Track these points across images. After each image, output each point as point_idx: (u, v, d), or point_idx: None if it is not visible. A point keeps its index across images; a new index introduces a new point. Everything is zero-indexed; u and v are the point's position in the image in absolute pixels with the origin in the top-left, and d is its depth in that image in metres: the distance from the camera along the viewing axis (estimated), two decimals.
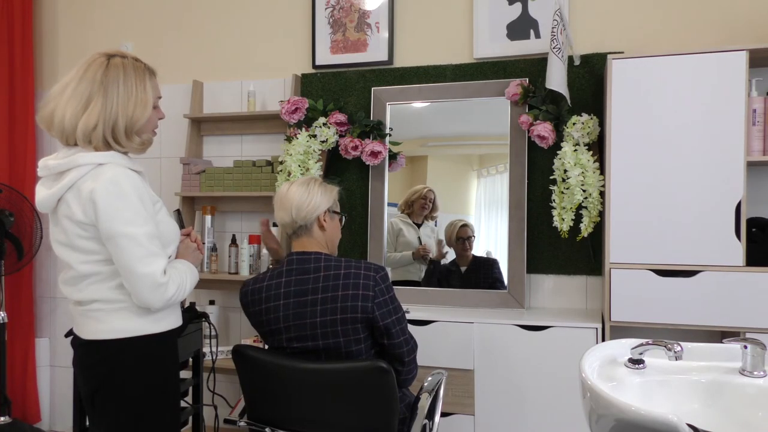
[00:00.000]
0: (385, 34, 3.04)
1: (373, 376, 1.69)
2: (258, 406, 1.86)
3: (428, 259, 2.90)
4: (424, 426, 1.90)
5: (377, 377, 1.69)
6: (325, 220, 1.85)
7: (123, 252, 1.53)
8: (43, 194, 1.61)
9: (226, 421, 1.97)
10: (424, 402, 1.89)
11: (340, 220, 1.95)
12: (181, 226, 1.84)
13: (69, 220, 1.58)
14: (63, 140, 1.62)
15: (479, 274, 2.82)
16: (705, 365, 1.41)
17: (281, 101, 3.03)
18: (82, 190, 1.55)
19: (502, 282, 2.77)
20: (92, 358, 1.62)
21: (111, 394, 1.60)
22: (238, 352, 1.84)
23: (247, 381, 1.86)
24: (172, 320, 1.70)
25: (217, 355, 2.65)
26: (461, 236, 2.88)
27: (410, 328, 1.95)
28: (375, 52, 3.05)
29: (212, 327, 2.70)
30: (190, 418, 2.54)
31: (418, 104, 2.97)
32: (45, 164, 1.62)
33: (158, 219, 1.64)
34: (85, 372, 1.64)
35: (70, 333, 1.73)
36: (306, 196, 1.81)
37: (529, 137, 2.73)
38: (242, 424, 1.91)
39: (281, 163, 2.96)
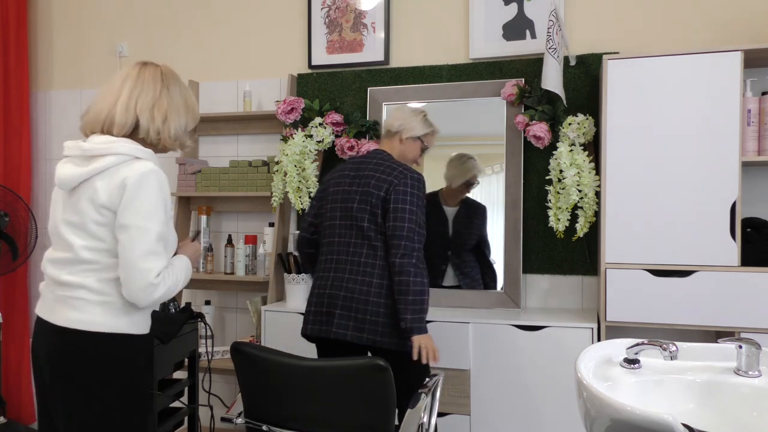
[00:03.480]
0: (381, 35, 3.04)
1: (371, 373, 1.69)
2: (256, 404, 1.86)
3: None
4: (420, 426, 1.90)
5: (375, 375, 1.69)
6: (402, 140, 2.29)
7: (131, 242, 1.56)
8: (71, 171, 1.62)
9: (222, 419, 1.97)
10: (422, 402, 1.89)
11: (422, 149, 2.35)
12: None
13: (90, 202, 1.59)
14: (119, 128, 1.64)
15: (470, 223, 2.87)
16: (700, 365, 1.42)
17: (277, 101, 3.03)
18: (115, 176, 1.58)
19: (488, 252, 2.79)
20: (63, 346, 1.60)
21: (79, 387, 1.59)
22: (237, 349, 1.85)
23: (245, 379, 1.86)
24: (146, 325, 1.71)
25: (212, 356, 2.65)
26: (472, 182, 2.87)
27: None
28: (371, 52, 3.05)
29: (208, 327, 2.70)
30: (186, 418, 2.54)
31: (414, 104, 2.97)
32: (77, 145, 1.64)
33: (169, 225, 1.68)
34: (54, 359, 1.62)
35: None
36: (403, 117, 2.30)
37: (525, 137, 2.73)
38: (239, 422, 1.91)
39: (277, 163, 2.95)
